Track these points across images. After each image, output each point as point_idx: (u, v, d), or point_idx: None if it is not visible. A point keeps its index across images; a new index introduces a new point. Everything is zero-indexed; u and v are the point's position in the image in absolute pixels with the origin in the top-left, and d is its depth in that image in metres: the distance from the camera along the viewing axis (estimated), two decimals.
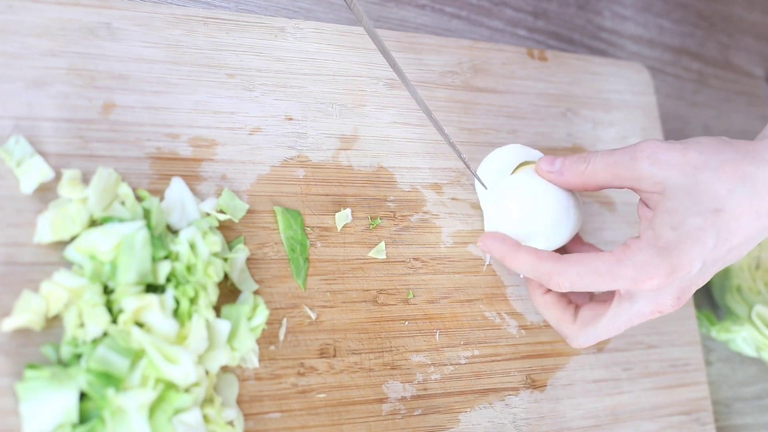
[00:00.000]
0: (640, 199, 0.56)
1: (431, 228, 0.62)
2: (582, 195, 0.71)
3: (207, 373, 0.50)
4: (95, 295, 0.47)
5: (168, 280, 0.49)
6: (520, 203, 0.59)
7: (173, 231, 0.53)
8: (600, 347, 0.67)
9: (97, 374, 0.45)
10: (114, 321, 0.47)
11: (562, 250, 0.63)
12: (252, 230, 0.56)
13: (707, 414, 0.70)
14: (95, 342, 0.46)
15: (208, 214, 0.53)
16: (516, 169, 0.65)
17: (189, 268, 0.50)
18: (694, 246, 0.52)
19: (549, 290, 0.60)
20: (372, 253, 0.59)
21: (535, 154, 0.66)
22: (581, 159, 0.57)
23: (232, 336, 0.51)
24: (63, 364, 0.47)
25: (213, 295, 0.50)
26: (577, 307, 0.60)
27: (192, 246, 0.50)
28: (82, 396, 0.46)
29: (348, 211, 0.59)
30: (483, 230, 0.65)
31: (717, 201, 0.52)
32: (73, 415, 0.45)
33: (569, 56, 0.75)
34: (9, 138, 0.50)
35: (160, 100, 0.55)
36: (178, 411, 0.47)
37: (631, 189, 0.55)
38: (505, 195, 0.60)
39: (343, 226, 0.59)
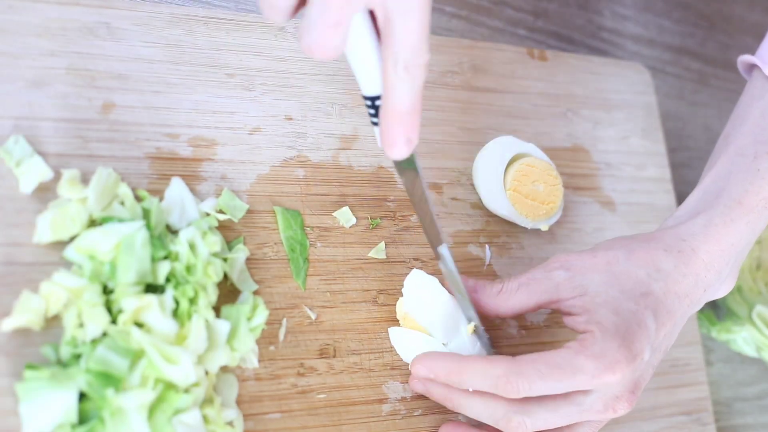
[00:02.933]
0: (563, 315, 0.54)
1: None
2: (581, 196, 0.71)
3: (207, 373, 0.50)
4: (95, 295, 0.47)
5: (167, 280, 0.49)
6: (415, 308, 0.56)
7: (173, 231, 0.52)
8: None
9: (97, 374, 0.45)
10: (113, 321, 0.47)
11: None
12: (252, 230, 0.55)
13: (708, 414, 0.70)
14: (95, 342, 0.46)
15: (207, 214, 0.53)
16: (510, 162, 0.65)
17: (188, 269, 0.50)
18: (640, 328, 0.51)
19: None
20: (372, 253, 0.59)
21: (530, 147, 0.67)
22: (497, 281, 0.56)
23: (231, 336, 0.51)
24: (62, 364, 0.47)
25: (213, 295, 0.50)
26: None
27: (191, 246, 0.50)
28: (82, 396, 0.46)
29: (347, 209, 0.59)
30: (484, 230, 0.65)
31: (641, 285, 0.53)
32: (73, 416, 0.44)
33: (569, 56, 0.75)
34: (8, 138, 0.50)
35: (160, 99, 0.55)
36: (177, 411, 0.47)
37: (552, 304, 0.54)
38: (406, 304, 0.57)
39: (342, 226, 0.58)
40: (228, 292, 0.53)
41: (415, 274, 0.57)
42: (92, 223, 0.50)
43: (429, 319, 0.56)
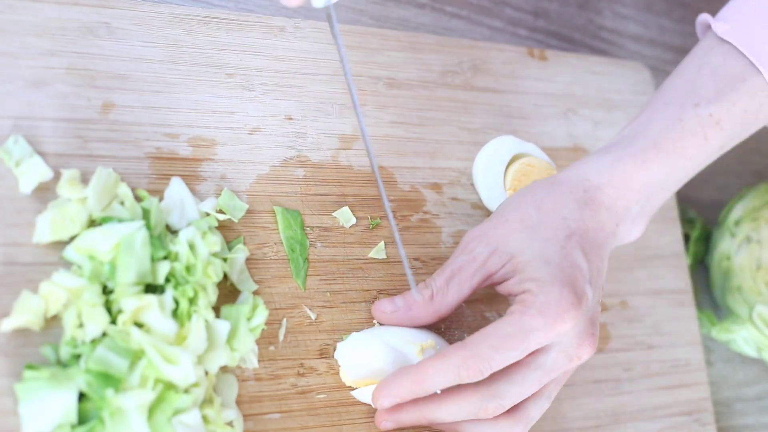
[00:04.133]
0: (498, 287, 0.54)
1: (431, 228, 0.62)
2: None
3: (206, 373, 0.49)
4: (94, 296, 0.47)
5: (167, 280, 0.49)
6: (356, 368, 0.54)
7: (172, 231, 0.52)
8: (601, 348, 0.67)
9: (96, 375, 0.45)
10: (113, 321, 0.47)
11: None
12: (251, 230, 0.55)
13: (708, 414, 0.70)
14: (94, 342, 0.46)
15: (207, 214, 0.53)
16: (510, 161, 0.65)
17: (188, 269, 0.50)
18: (574, 270, 0.51)
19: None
20: (372, 253, 0.59)
21: (530, 147, 0.67)
22: (423, 286, 0.54)
23: (231, 336, 0.50)
24: (62, 364, 0.47)
25: (212, 295, 0.50)
26: None
27: (191, 246, 0.50)
28: (81, 396, 0.45)
29: (347, 209, 0.59)
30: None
31: (560, 229, 0.52)
32: (72, 416, 0.44)
33: (570, 56, 0.75)
34: (8, 138, 0.50)
35: (160, 99, 0.55)
36: (177, 411, 0.47)
37: (485, 282, 0.53)
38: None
39: (342, 226, 0.58)
40: (228, 292, 0.53)
41: (341, 347, 0.55)
42: (92, 223, 0.50)
43: (380, 370, 0.53)
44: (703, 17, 0.60)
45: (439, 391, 0.51)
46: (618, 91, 0.76)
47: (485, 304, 0.62)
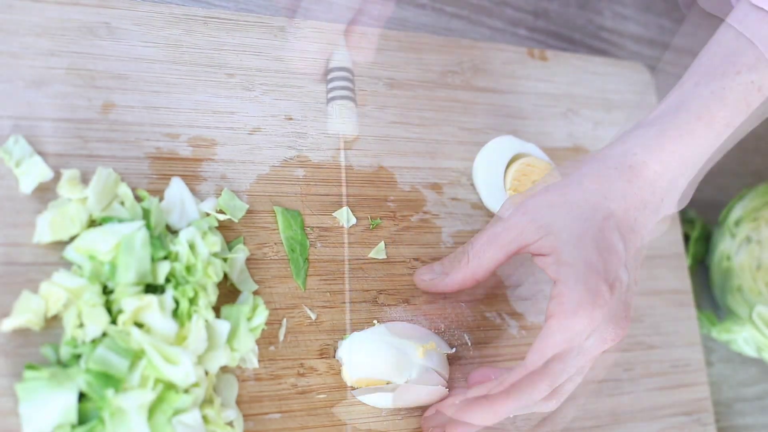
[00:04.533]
0: (535, 256, 0.54)
1: (431, 228, 0.62)
2: None
3: (206, 373, 0.49)
4: (94, 296, 0.47)
5: (167, 280, 0.49)
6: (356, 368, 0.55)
7: (173, 231, 0.52)
8: None
9: (97, 375, 0.45)
10: (113, 321, 0.47)
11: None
12: (252, 230, 0.55)
13: (708, 415, 0.70)
14: (94, 342, 0.46)
15: (207, 214, 0.53)
16: (510, 161, 0.65)
17: (188, 269, 0.50)
18: (610, 255, 0.51)
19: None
20: (372, 253, 0.59)
21: (530, 147, 0.67)
22: (461, 252, 0.55)
23: (231, 336, 0.50)
24: (62, 364, 0.47)
25: (212, 295, 0.50)
26: None
27: (191, 246, 0.50)
28: (82, 396, 0.45)
29: (347, 209, 0.59)
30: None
31: (600, 209, 0.52)
32: (73, 416, 0.44)
33: (570, 56, 0.75)
34: (8, 138, 0.50)
35: (160, 99, 0.55)
36: (177, 412, 0.47)
37: (521, 250, 0.54)
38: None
39: (341, 226, 0.58)
40: (228, 292, 0.53)
41: (343, 346, 0.55)
42: (92, 223, 0.50)
43: (381, 371, 0.54)
44: None
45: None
46: (618, 91, 0.76)
47: (485, 304, 0.62)
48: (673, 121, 0.55)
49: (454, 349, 0.58)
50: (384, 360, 0.54)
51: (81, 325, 0.47)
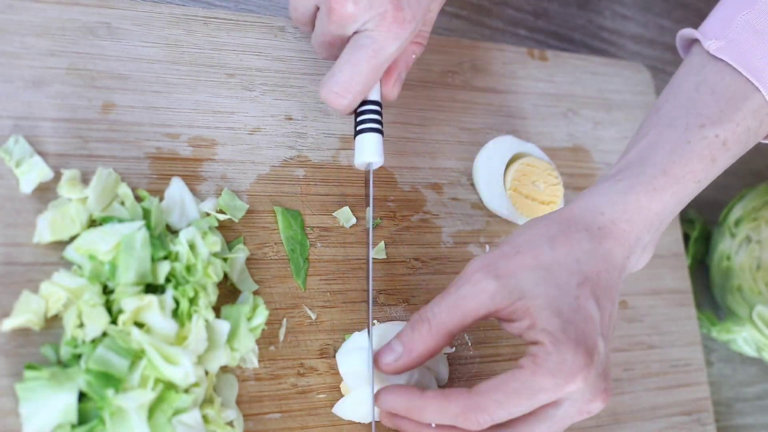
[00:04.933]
0: (502, 322, 0.51)
1: (431, 228, 0.62)
2: None
3: (206, 373, 0.49)
4: (94, 296, 0.47)
5: (167, 280, 0.49)
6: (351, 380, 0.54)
7: (173, 231, 0.52)
8: None
9: (97, 375, 0.45)
10: (113, 321, 0.47)
11: None
12: (252, 230, 0.55)
13: (708, 414, 0.70)
14: (94, 342, 0.46)
15: (207, 214, 0.53)
16: (510, 161, 0.65)
17: (188, 269, 0.50)
18: (587, 323, 0.49)
19: (425, 391, 0.51)
20: (372, 254, 0.59)
21: (530, 147, 0.67)
22: (419, 320, 0.51)
23: (231, 336, 0.50)
24: (62, 364, 0.47)
25: (213, 295, 0.50)
26: None
27: (191, 246, 0.50)
28: (82, 396, 0.45)
29: (347, 209, 0.59)
30: (484, 230, 0.65)
31: (574, 274, 0.50)
32: (73, 416, 0.44)
33: (570, 56, 0.75)
34: (8, 138, 0.50)
35: (160, 99, 0.55)
36: (177, 411, 0.47)
37: (490, 315, 0.51)
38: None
39: (342, 226, 0.58)
40: (228, 292, 0.53)
41: (341, 356, 0.54)
42: (92, 223, 0.50)
43: (379, 378, 0.53)
44: (688, 32, 0.59)
45: (433, 425, 0.51)
46: (618, 91, 0.76)
47: None
48: (639, 177, 0.53)
49: (453, 349, 0.58)
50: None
51: (81, 325, 0.47)
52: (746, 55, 0.54)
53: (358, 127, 0.56)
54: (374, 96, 0.56)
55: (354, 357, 0.54)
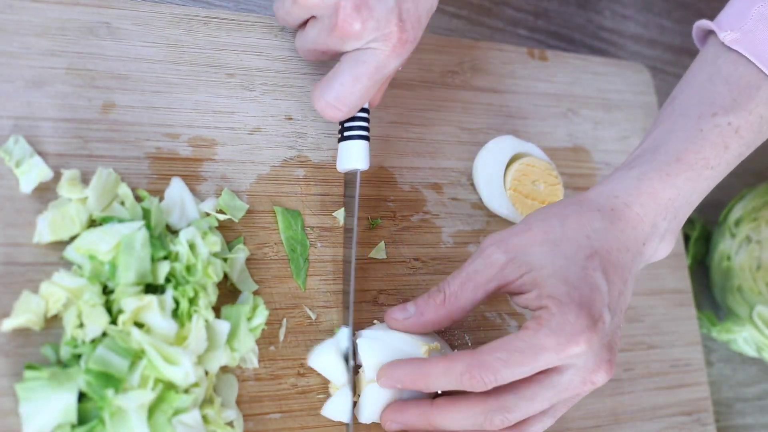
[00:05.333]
0: (513, 296, 0.53)
1: (431, 228, 0.62)
2: None
3: (206, 373, 0.49)
4: (94, 296, 0.47)
5: (167, 280, 0.49)
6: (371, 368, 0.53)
7: (173, 231, 0.52)
8: None
9: (97, 375, 0.45)
10: (113, 321, 0.47)
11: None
12: (252, 230, 0.55)
13: (708, 414, 0.70)
14: (94, 342, 0.46)
15: (207, 214, 0.53)
16: (510, 161, 0.65)
17: (188, 269, 0.50)
18: (593, 292, 0.50)
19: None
20: (372, 254, 0.59)
21: (530, 147, 0.67)
22: (435, 290, 0.53)
23: (231, 336, 0.50)
24: (62, 364, 0.47)
25: (212, 295, 0.50)
26: None
27: (191, 246, 0.50)
28: (82, 396, 0.45)
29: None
30: (484, 230, 0.65)
31: (583, 248, 0.52)
32: (73, 416, 0.44)
33: (570, 56, 0.75)
34: (8, 138, 0.50)
35: (160, 99, 0.55)
36: (177, 412, 0.47)
37: (501, 289, 0.52)
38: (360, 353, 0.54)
39: (341, 226, 0.58)
40: (228, 292, 0.53)
41: (365, 344, 0.53)
42: (92, 223, 0.50)
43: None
44: (704, 23, 0.60)
45: (439, 392, 0.51)
46: (618, 91, 0.76)
47: (486, 304, 0.62)
48: (652, 163, 0.55)
49: (455, 351, 0.58)
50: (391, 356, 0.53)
51: (81, 325, 0.47)
52: (760, 46, 0.56)
53: (346, 133, 0.56)
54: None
55: (326, 357, 0.53)
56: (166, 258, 0.49)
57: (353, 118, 0.56)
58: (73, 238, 0.49)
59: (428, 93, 0.66)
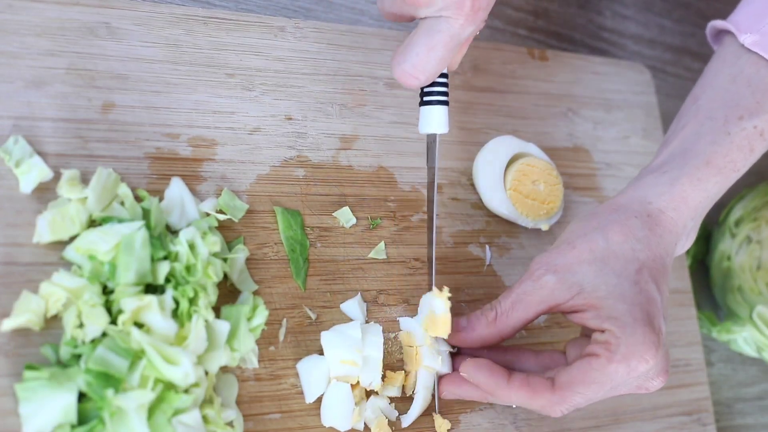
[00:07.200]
0: (568, 314, 0.54)
1: None
2: (581, 196, 0.71)
3: (206, 373, 0.49)
4: (94, 296, 0.47)
5: (167, 280, 0.49)
6: None
7: (173, 231, 0.52)
8: None
9: (96, 375, 0.45)
10: (113, 321, 0.47)
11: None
12: (252, 230, 0.55)
13: (708, 414, 0.70)
14: (94, 342, 0.46)
15: (207, 214, 0.53)
16: (510, 161, 0.65)
17: (188, 269, 0.50)
18: (651, 305, 0.52)
19: (511, 375, 0.54)
20: (372, 254, 0.59)
21: (530, 147, 0.67)
22: (488, 308, 0.55)
23: (231, 336, 0.50)
24: (62, 364, 0.47)
25: (212, 295, 0.50)
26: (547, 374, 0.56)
27: (191, 246, 0.50)
28: (81, 396, 0.45)
29: (347, 209, 0.59)
30: (484, 230, 0.65)
31: (631, 262, 0.53)
32: (72, 416, 0.44)
33: (570, 56, 0.75)
34: (8, 138, 0.50)
35: (160, 99, 0.55)
36: (177, 412, 0.47)
37: (552, 309, 0.54)
38: None
39: (342, 226, 0.58)
40: (228, 292, 0.53)
41: (329, 337, 0.54)
42: (92, 224, 0.50)
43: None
44: (721, 24, 0.61)
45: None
46: (618, 91, 0.76)
47: (485, 304, 0.62)
48: (683, 168, 0.56)
49: (456, 349, 0.58)
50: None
51: (81, 325, 0.47)
52: None
53: (426, 98, 0.56)
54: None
55: (310, 364, 0.54)
56: (166, 258, 0.49)
57: (432, 84, 0.56)
58: (72, 238, 0.49)
59: None
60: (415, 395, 0.56)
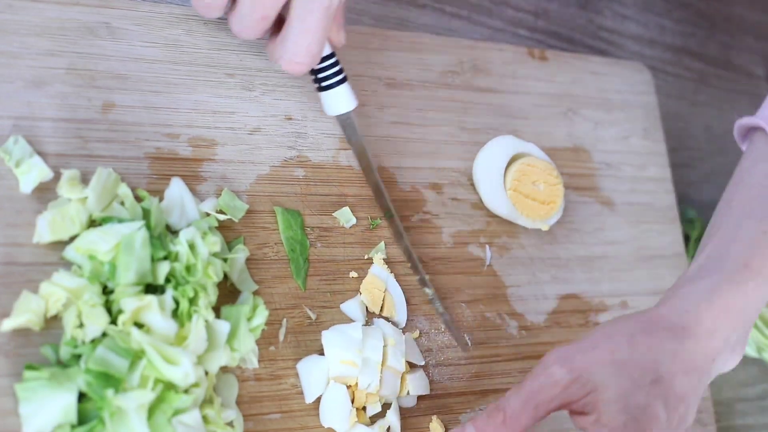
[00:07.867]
0: (572, 415, 0.52)
1: (431, 228, 0.62)
2: (581, 196, 0.71)
3: (206, 373, 0.49)
4: (94, 296, 0.47)
5: (167, 280, 0.49)
6: None
7: (173, 231, 0.52)
8: None
9: (96, 375, 0.45)
10: (113, 321, 0.47)
11: None
12: (252, 230, 0.55)
13: (708, 415, 0.70)
14: (94, 342, 0.46)
15: (207, 215, 0.53)
16: (510, 161, 0.65)
17: (188, 269, 0.50)
18: (650, 422, 0.49)
19: None
20: (372, 254, 0.59)
21: (530, 147, 0.67)
22: (495, 409, 0.50)
23: (231, 336, 0.50)
24: (62, 364, 0.47)
25: (212, 295, 0.50)
26: None
27: (191, 246, 0.50)
28: (81, 396, 0.45)
29: (347, 209, 0.59)
30: (484, 230, 0.65)
31: (649, 372, 0.50)
32: (72, 416, 0.44)
33: (570, 56, 0.75)
34: (8, 138, 0.50)
35: (160, 99, 0.55)
36: (177, 412, 0.47)
37: (562, 407, 0.51)
38: None
39: (342, 226, 0.58)
40: (228, 293, 0.53)
41: (330, 337, 0.54)
42: (92, 223, 0.50)
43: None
44: (749, 121, 0.59)
45: None
46: (618, 91, 0.76)
47: (485, 304, 0.62)
48: (721, 273, 0.53)
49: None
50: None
51: (81, 325, 0.47)
52: None
53: (324, 83, 0.56)
54: (326, 50, 0.56)
55: (310, 364, 0.54)
56: (166, 258, 0.49)
57: (323, 68, 0.56)
58: (72, 238, 0.49)
59: (428, 93, 0.66)
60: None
